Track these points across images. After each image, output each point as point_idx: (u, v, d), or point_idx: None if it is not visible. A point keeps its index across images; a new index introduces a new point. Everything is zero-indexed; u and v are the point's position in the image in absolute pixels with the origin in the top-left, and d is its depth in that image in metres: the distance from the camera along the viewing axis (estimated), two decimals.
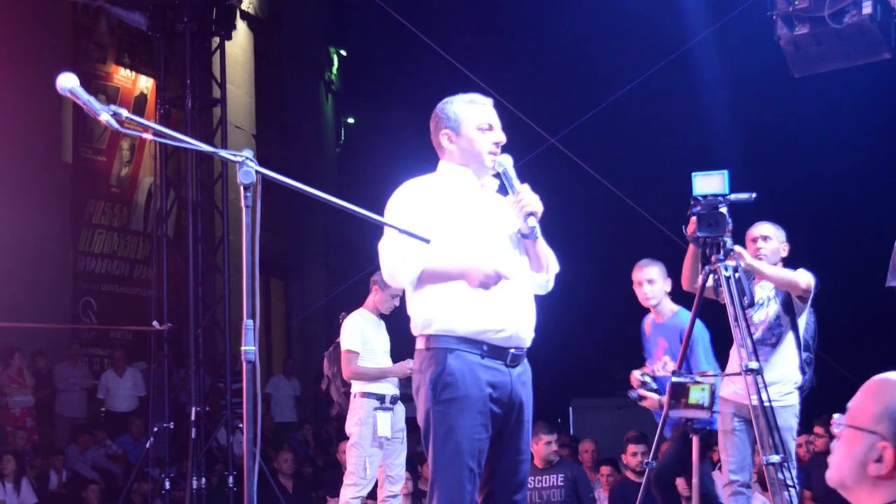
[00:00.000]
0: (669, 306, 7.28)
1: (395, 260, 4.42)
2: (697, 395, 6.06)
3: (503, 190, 4.65)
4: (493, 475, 4.52)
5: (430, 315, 4.46)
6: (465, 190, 4.58)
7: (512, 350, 4.48)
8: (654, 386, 7.17)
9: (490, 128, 4.60)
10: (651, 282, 7.21)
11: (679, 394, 6.06)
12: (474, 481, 4.42)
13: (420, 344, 4.53)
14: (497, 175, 4.64)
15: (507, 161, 4.56)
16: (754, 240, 6.93)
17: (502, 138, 4.62)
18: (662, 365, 7.20)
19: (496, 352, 4.45)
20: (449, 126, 4.60)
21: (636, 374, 7.23)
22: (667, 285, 7.30)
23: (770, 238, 6.94)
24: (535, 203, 4.47)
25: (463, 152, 4.59)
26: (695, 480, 6.42)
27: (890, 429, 2.46)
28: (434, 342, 4.45)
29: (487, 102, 4.66)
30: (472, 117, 4.59)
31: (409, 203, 4.52)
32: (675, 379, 6.14)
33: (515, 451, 4.56)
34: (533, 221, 4.47)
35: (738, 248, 6.53)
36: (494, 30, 19.25)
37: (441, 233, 4.41)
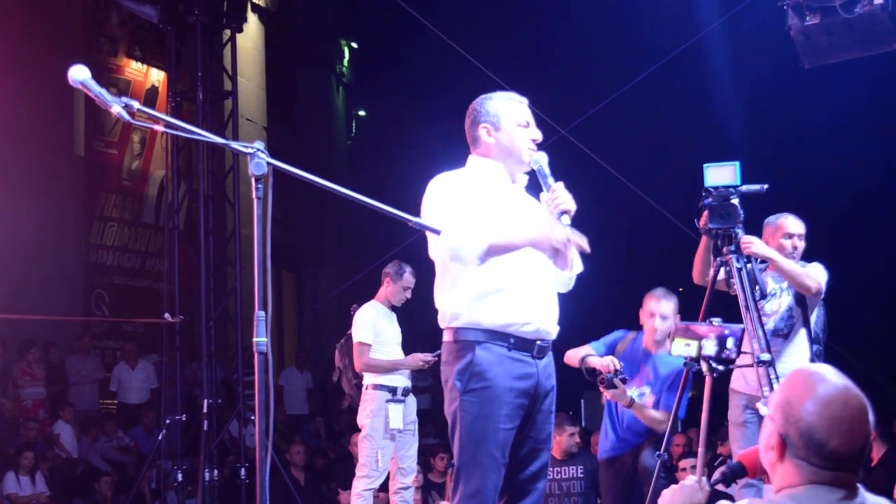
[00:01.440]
0: (667, 342, 7.16)
1: (462, 236, 4.40)
2: (682, 349, 6.03)
3: (531, 188, 4.73)
4: (513, 464, 4.57)
5: (457, 308, 4.53)
6: (498, 184, 4.66)
7: (538, 342, 4.56)
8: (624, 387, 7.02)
9: (528, 125, 4.69)
10: (664, 317, 6.99)
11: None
12: (499, 470, 4.47)
13: (447, 336, 4.60)
14: (530, 172, 4.71)
15: (542, 158, 4.64)
16: (791, 236, 6.85)
17: (539, 136, 4.71)
18: (640, 394, 7.08)
19: (523, 344, 4.52)
20: (488, 120, 4.68)
21: (616, 363, 7.03)
22: (675, 320, 7.19)
23: (804, 237, 6.88)
24: (569, 201, 4.53)
25: (501, 147, 4.66)
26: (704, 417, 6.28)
27: (780, 419, 2.57)
28: (462, 335, 4.52)
29: (524, 101, 4.76)
30: (511, 113, 4.68)
31: (451, 189, 4.57)
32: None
33: (536, 441, 4.63)
34: (567, 220, 4.51)
35: (748, 237, 6.49)
36: (505, 21, 19.24)
37: (469, 212, 4.48)
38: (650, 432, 7.06)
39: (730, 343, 5.90)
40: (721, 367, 6.07)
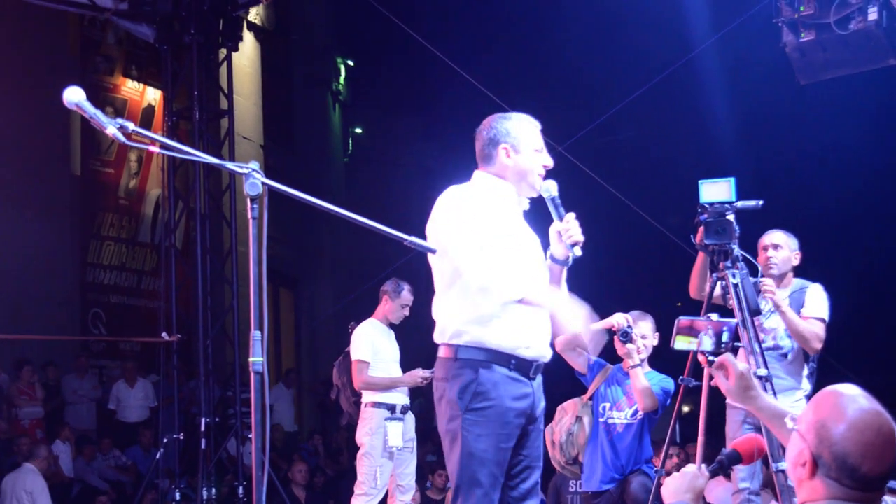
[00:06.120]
0: (645, 365, 7.11)
1: (497, 276, 4.40)
2: (685, 345, 6.04)
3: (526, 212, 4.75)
4: (507, 482, 4.57)
5: (462, 326, 4.51)
6: (509, 206, 4.67)
7: (535, 363, 4.59)
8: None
9: (541, 150, 4.70)
10: (644, 337, 7.05)
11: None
12: (499, 490, 4.49)
13: (446, 353, 4.57)
14: (537, 198, 4.71)
15: (553, 187, 4.66)
16: (765, 248, 6.89)
17: (550, 162, 4.72)
18: (633, 412, 7.10)
19: (523, 365, 4.53)
20: (508, 141, 4.65)
21: (628, 318, 6.91)
22: (655, 339, 7.21)
23: (781, 247, 6.88)
24: (580, 233, 4.56)
25: (518, 170, 4.64)
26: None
27: (814, 440, 2.65)
28: (464, 353, 4.50)
29: (539, 126, 4.74)
30: (530, 138, 4.67)
31: (469, 209, 4.51)
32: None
33: (529, 459, 4.64)
34: (578, 251, 4.57)
35: (769, 283, 6.53)
36: (501, 39, 19.27)
37: (492, 244, 4.44)
38: (641, 462, 7.07)
39: (725, 336, 5.93)
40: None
